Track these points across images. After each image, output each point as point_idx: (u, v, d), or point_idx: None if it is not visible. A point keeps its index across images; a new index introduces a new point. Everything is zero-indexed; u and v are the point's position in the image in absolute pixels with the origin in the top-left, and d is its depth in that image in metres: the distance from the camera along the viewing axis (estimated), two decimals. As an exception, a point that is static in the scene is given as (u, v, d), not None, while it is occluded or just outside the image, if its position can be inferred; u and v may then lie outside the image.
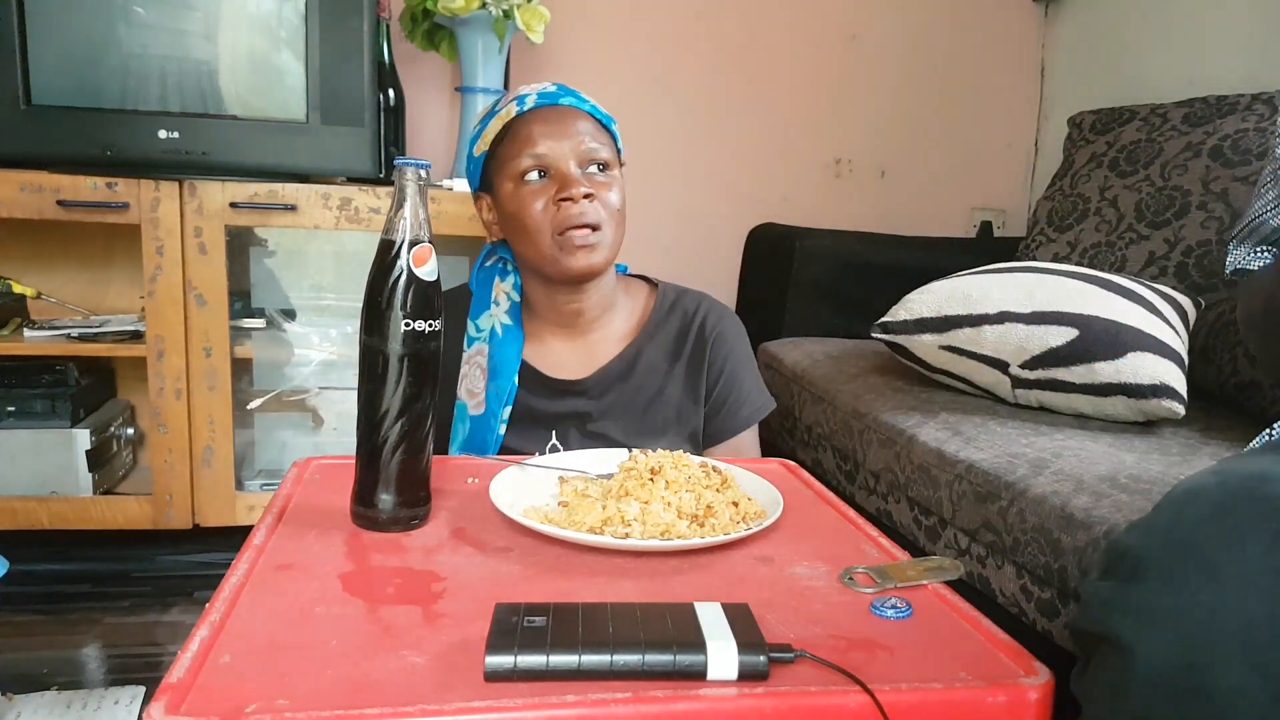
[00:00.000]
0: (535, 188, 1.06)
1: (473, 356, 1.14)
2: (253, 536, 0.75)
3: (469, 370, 1.13)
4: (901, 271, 1.87)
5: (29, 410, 1.78)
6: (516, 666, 0.54)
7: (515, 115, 1.08)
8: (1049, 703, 0.58)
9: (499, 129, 1.09)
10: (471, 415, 1.12)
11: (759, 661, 0.55)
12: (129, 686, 1.41)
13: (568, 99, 1.10)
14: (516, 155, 1.06)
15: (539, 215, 1.05)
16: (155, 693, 0.51)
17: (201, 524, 1.83)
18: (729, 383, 1.17)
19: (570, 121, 1.07)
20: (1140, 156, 1.85)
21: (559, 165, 1.05)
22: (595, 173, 1.08)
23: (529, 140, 1.06)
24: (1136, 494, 1.07)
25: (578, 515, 0.77)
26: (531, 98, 1.09)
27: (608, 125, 1.12)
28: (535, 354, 1.15)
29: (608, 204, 1.06)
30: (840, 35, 2.44)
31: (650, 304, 1.20)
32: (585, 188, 1.04)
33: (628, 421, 1.13)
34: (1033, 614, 1.13)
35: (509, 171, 1.07)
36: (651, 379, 1.15)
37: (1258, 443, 0.80)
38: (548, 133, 1.06)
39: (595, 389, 1.13)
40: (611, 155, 1.10)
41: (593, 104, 1.13)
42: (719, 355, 1.17)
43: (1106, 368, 1.32)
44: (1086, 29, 2.43)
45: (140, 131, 1.69)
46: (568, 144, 1.06)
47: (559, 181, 1.05)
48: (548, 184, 1.06)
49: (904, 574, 0.73)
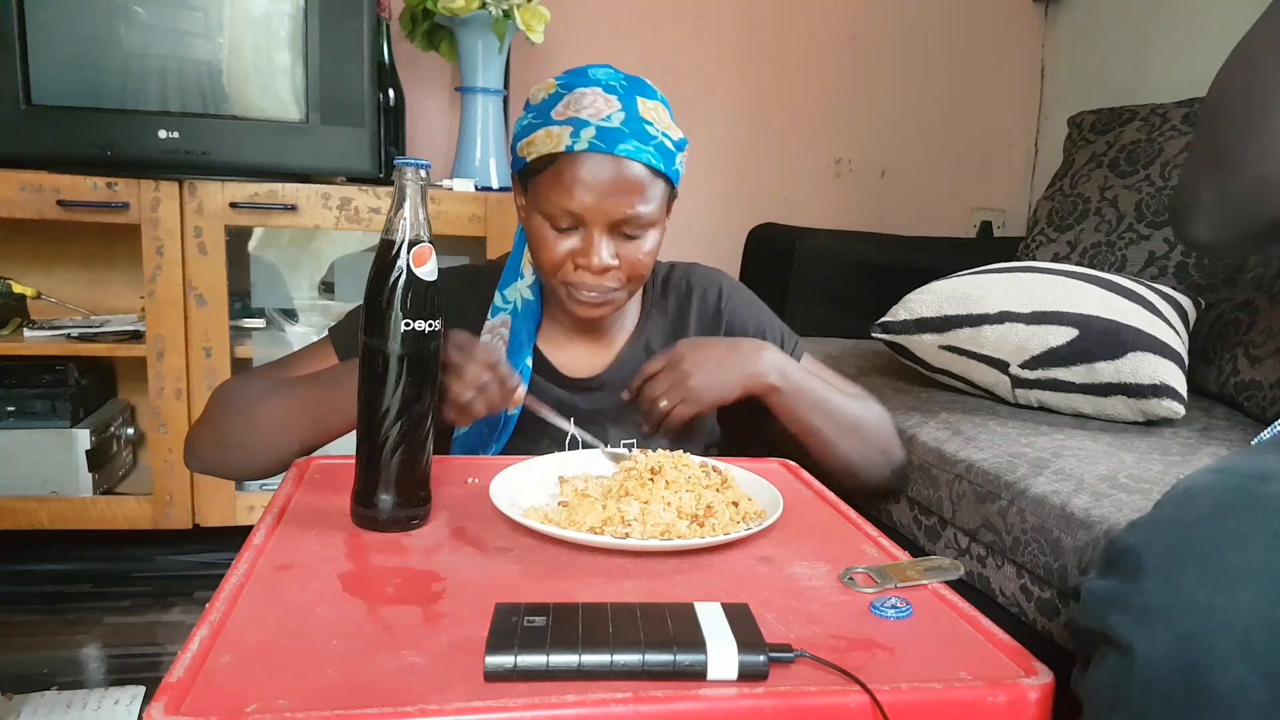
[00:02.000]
0: (558, 234, 0.99)
1: (496, 326, 1.10)
2: (253, 536, 0.75)
3: (490, 340, 1.09)
4: (901, 271, 1.87)
5: (29, 410, 1.78)
6: (516, 666, 0.54)
7: (565, 151, 0.96)
8: (1049, 703, 0.58)
9: (544, 151, 0.98)
10: None
11: (759, 661, 0.55)
12: (129, 686, 1.41)
13: (627, 145, 0.96)
14: (551, 197, 0.98)
15: (554, 259, 1.00)
16: (155, 693, 0.51)
17: (201, 524, 1.83)
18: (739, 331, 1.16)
19: (619, 179, 0.96)
20: (1140, 156, 1.85)
21: (589, 227, 0.98)
22: (627, 235, 1.00)
23: (568, 190, 0.96)
24: (1136, 494, 1.07)
25: (578, 515, 0.77)
26: (589, 133, 0.95)
27: (665, 168, 0.99)
28: (549, 344, 1.13)
29: (630, 267, 1.01)
30: (840, 35, 2.44)
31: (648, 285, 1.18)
32: (607, 259, 0.98)
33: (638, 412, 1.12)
34: (1033, 614, 1.13)
35: (539, 202, 1.00)
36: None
37: (1265, 435, 0.80)
38: (589, 188, 0.96)
39: (610, 383, 1.12)
40: (656, 209, 1.00)
41: (658, 139, 0.99)
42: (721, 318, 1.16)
43: (1106, 368, 1.32)
44: (1086, 29, 2.43)
45: (140, 131, 1.69)
46: (607, 205, 0.96)
47: (583, 242, 0.99)
48: (572, 235, 0.99)
49: (904, 574, 0.73)
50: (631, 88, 1.00)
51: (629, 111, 0.97)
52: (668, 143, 1.00)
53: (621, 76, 1.01)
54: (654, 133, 0.98)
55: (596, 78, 1.00)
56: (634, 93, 1.00)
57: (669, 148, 1.00)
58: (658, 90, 1.04)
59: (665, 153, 0.99)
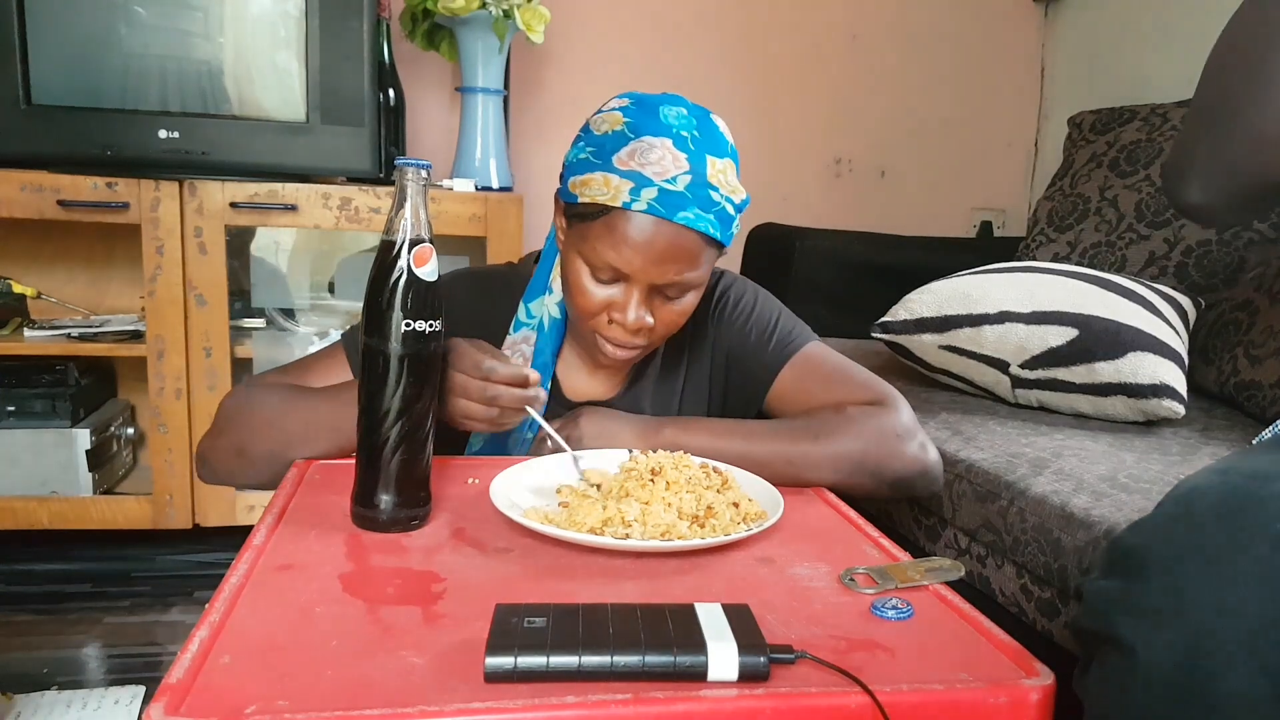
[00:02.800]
0: (598, 284, 0.96)
1: (517, 342, 1.07)
2: (253, 536, 0.75)
3: (511, 355, 1.07)
4: (901, 271, 1.87)
5: (29, 410, 1.78)
6: (516, 667, 0.54)
7: (621, 206, 0.91)
8: (1050, 703, 0.58)
9: (599, 200, 0.92)
10: None
11: (759, 663, 0.55)
12: (129, 686, 1.41)
13: (687, 214, 0.91)
14: (599, 248, 0.93)
15: (589, 307, 0.97)
16: (155, 693, 0.51)
17: (201, 524, 1.83)
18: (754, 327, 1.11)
19: (672, 247, 0.92)
20: (1140, 156, 1.85)
21: (631, 284, 0.94)
22: (668, 296, 0.96)
23: (616, 248, 0.92)
24: (1136, 494, 1.07)
25: (578, 516, 0.77)
26: (651, 193, 0.90)
27: (722, 235, 0.95)
28: (563, 366, 1.10)
29: (665, 326, 0.98)
30: (840, 35, 2.44)
31: None
32: (644, 319, 0.95)
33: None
34: (1033, 614, 1.13)
35: (583, 246, 0.95)
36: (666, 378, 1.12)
37: (1266, 434, 0.80)
38: (640, 251, 0.91)
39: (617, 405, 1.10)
40: (702, 274, 0.96)
41: (721, 205, 0.93)
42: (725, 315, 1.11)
43: (1106, 367, 1.32)
44: (1086, 29, 2.43)
45: (140, 131, 1.69)
46: (654, 270, 0.93)
47: (624, 297, 0.95)
48: (611, 286, 0.95)
49: (904, 574, 0.73)
50: (703, 144, 0.93)
51: (696, 175, 0.91)
52: (729, 208, 0.95)
53: (694, 124, 0.94)
54: (718, 199, 0.93)
55: (668, 123, 0.93)
56: (704, 150, 0.93)
57: (729, 213, 0.95)
58: (728, 139, 0.98)
59: (725, 219, 0.95)
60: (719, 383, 1.13)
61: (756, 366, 1.10)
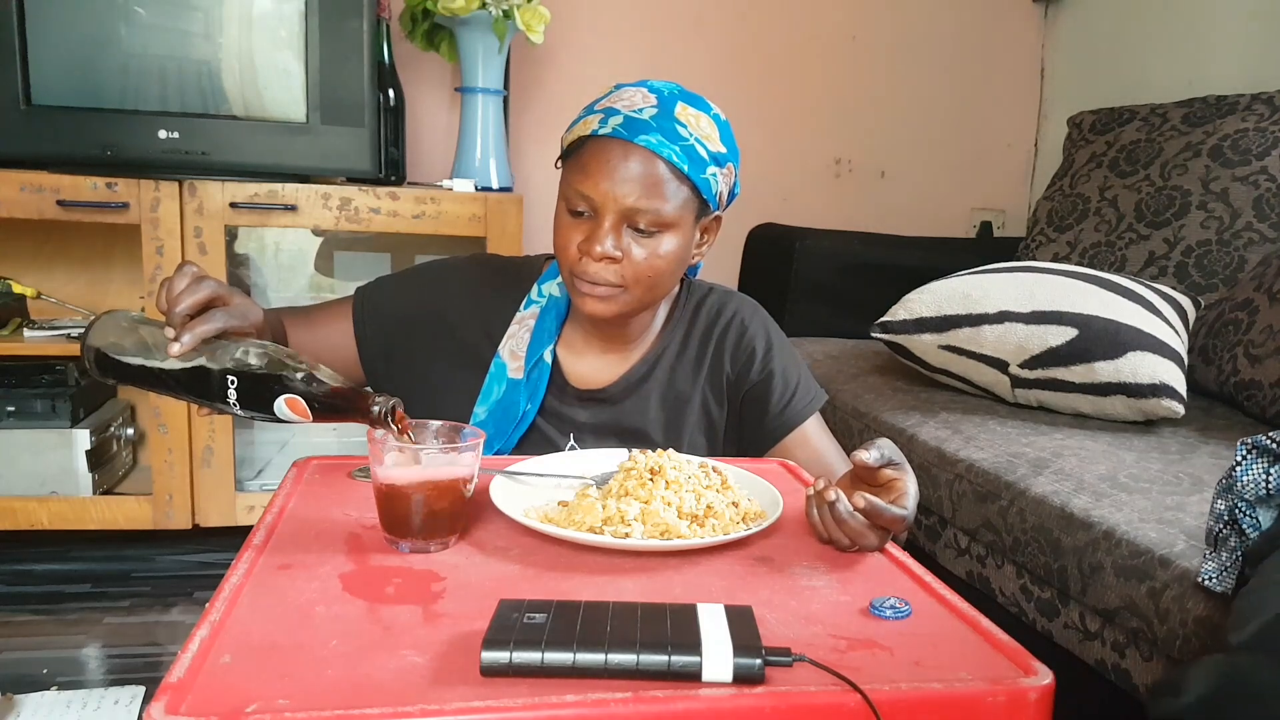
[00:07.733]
0: (573, 221, 0.99)
1: (525, 318, 1.10)
2: (253, 536, 0.75)
3: (517, 330, 1.09)
4: (901, 271, 1.87)
5: (29, 410, 1.78)
6: (512, 662, 0.54)
7: (592, 134, 0.97)
8: (1049, 703, 0.58)
9: (575, 136, 0.99)
10: (510, 378, 1.08)
11: (754, 665, 0.55)
12: (129, 686, 1.41)
13: (649, 137, 0.95)
14: (569, 178, 0.98)
15: (564, 245, 0.99)
16: (155, 693, 0.51)
17: (201, 524, 1.83)
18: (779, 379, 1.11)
19: (633, 169, 0.95)
20: (1140, 156, 1.85)
21: (599, 213, 0.96)
22: (640, 230, 0.97)
23: (583, 171, 0.96)
24: (1136, 493, 1.07)
25: (578, 515, 0.77)
26: (616, 120, 0.96)
27: (691, 171, 0.97)
28: (568, 350, 1.12)
29: (637, 266, 0.98)
30: (840, 35, 2.44)
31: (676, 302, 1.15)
32: (609, 248, 0.96)
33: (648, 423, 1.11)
34: (1033, 614, 1.13)
35: (562, 186, 1.00)
36: (673, 381, 1.12)
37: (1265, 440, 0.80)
38: (604, 174, 0.95)
39: (618, 396, 1.11)
40: (672, 210, 0.97)
41: (689, 142, 0.97)
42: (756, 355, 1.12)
43: (1106, 367, 1.32)
44: (1086, 29, 2.43)
45: (140, 131, 1.69)
46: (617, 191, 0.95)
47: (593, 228, 0.97)
48: (585, 223, 0.98)
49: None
50: (679, 94, 1.00)
51: (663, 109, 0.97)
52: (700, 150, 0.97)
53: (677, 88, 1.01)
54: (685, 134, 0.97)
55: (652, 84, 1.00)
56: (678, 98, 0.99)
57: (700, 155, 0.97)
58: (718, 111, 1.03)
59: (694, 157, 0.97)
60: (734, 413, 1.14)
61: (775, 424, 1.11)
